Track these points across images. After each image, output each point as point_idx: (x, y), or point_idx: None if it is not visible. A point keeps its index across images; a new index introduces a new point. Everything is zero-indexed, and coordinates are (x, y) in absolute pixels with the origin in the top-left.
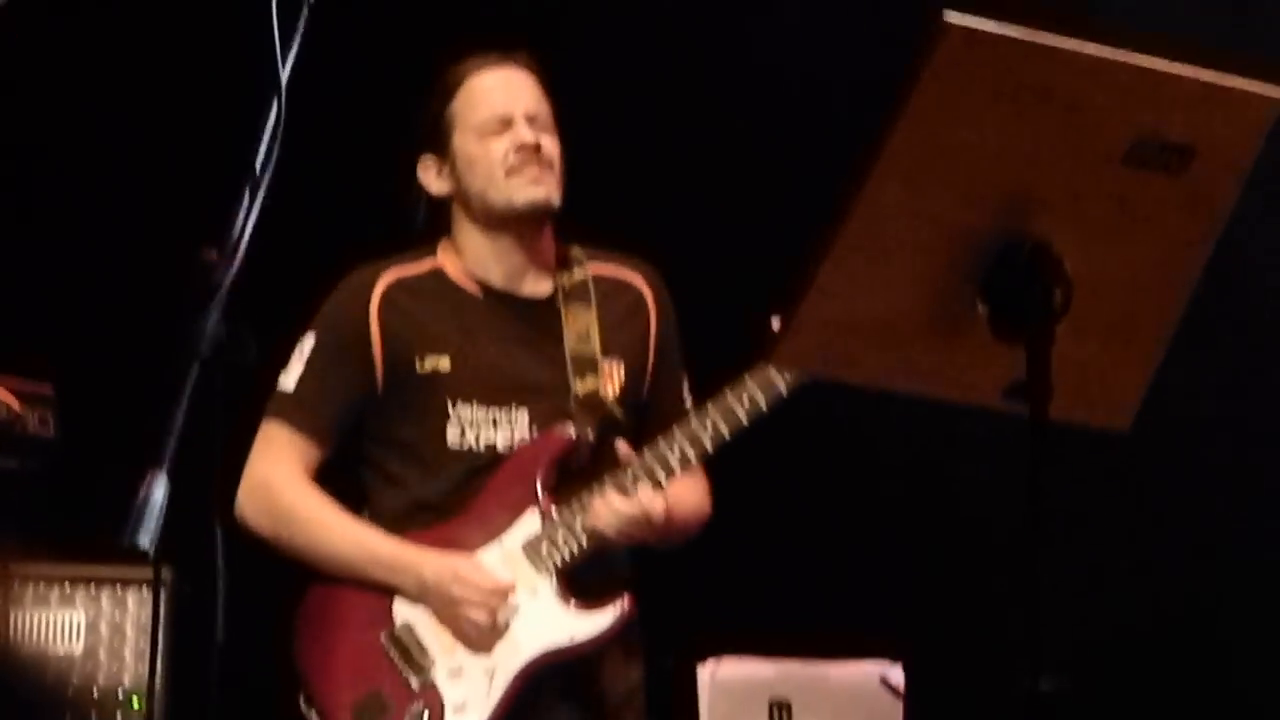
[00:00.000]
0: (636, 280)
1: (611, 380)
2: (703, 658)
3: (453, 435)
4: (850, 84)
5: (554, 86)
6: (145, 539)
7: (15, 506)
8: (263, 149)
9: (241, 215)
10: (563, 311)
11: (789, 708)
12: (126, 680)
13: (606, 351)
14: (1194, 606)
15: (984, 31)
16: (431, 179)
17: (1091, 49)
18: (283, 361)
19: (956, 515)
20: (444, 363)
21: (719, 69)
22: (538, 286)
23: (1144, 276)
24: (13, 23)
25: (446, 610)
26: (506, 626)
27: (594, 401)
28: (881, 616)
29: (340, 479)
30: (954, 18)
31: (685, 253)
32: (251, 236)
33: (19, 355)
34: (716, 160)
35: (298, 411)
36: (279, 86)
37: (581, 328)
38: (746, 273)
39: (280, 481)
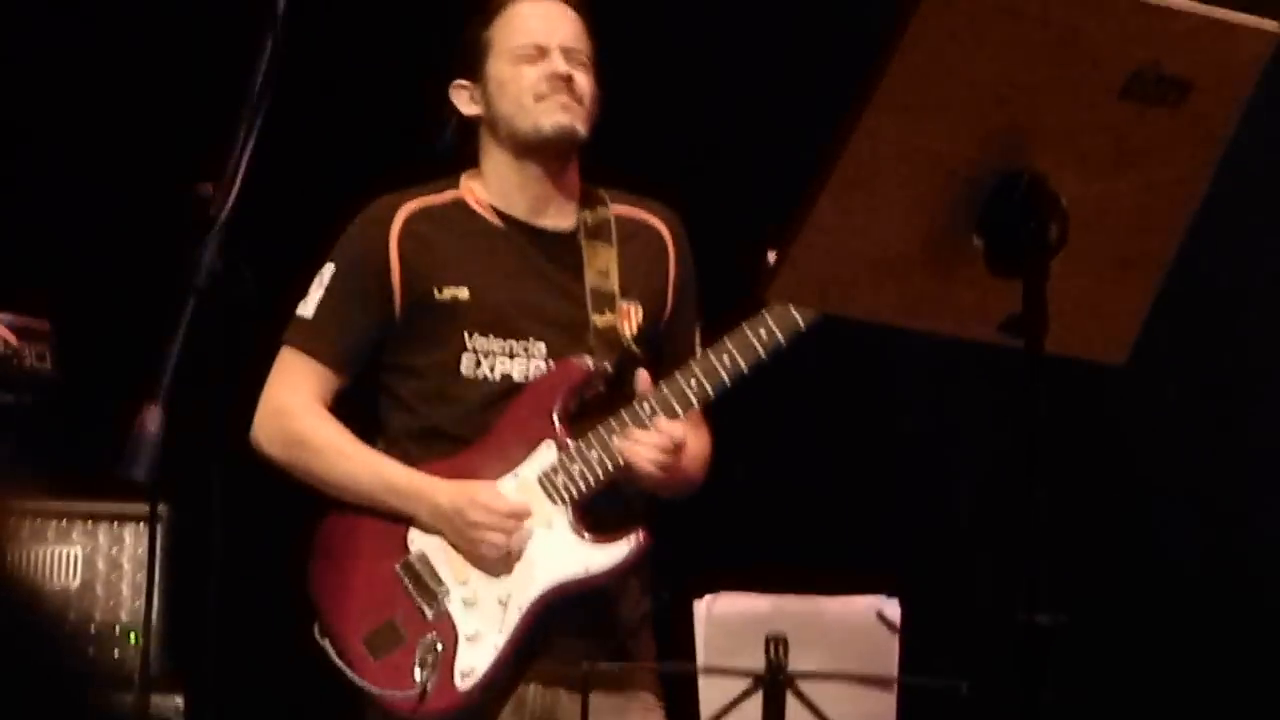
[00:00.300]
0: (658, 224)
1: (629, 319)
2: (699, 593)
3: (468, 365)
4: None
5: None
6: (142, 473)
7: (12, 441)
8: (259, 82)
9: (238, 149)
10: (584, 246)
11: (785, 642)
12: (123, 615)
13: (625, 293)
14: (1194, 540)
15: None
16: (463, 102)
17: None
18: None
19: (953, 450)
20: (463, 293)
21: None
22: (560, 220)
23: (1141, 210)
24: None
25: (462, 535)
26: (521, 555)
27: (611, 336)
28: (878, 553)
29: (357, 409)
30: None
31: (701, 191)
32: (248, 170)
33: (16, 290)
34: (732, 104)
35: (315, 339)
36: (275, 18)
37: (602, 264)
38: (757, 213)
39: (296, 408)
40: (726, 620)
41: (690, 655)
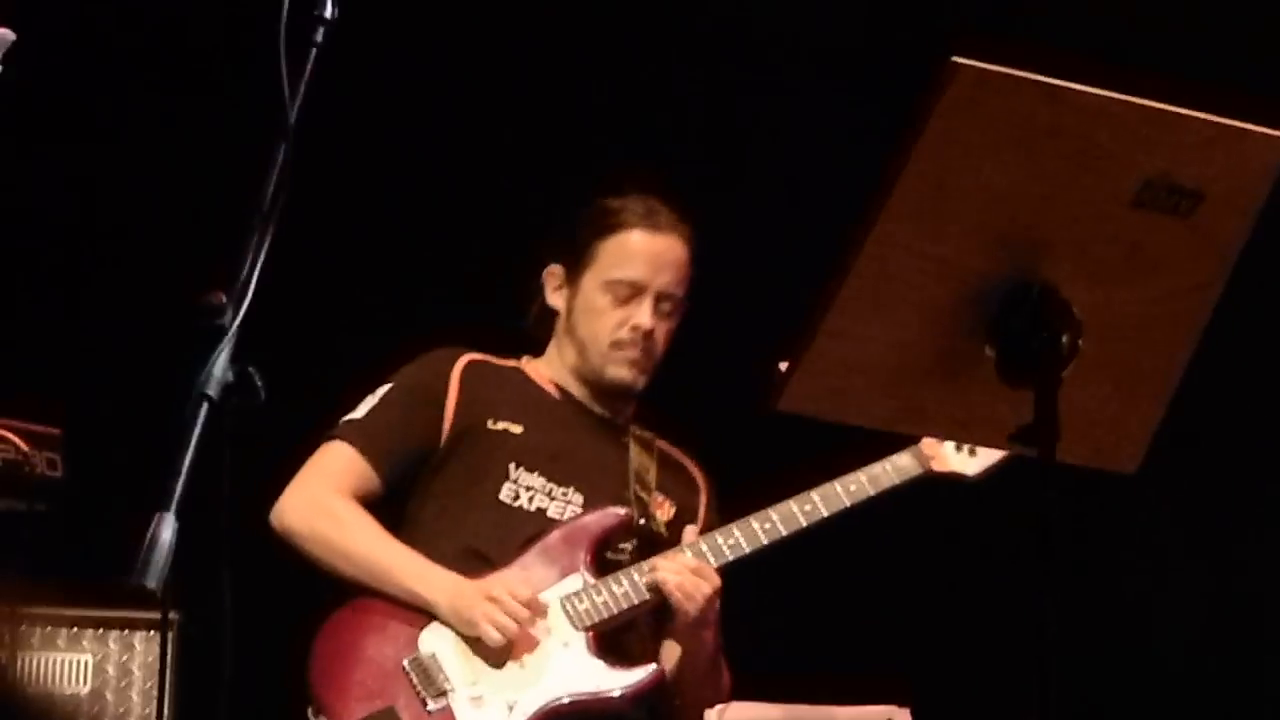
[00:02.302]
0: (694, 470)
1: (662, 509)
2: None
3: (507, 493)
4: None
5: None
6: (153, 581)
7: (23, 548)
8: (271, 190)
9: (249, 257)
10: (631, 445)
11: None
12: None
13: (662, 490)
14: (1204, 653)
15: (993, 72)
16: (551, 289)
17: (1100, 91)
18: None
19: (964, 559)
20: (515, 428)
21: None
22: (613, 418)
23: (1153, 319)
24: (23, 62)
25: (476, 611)
26: (534, 664)
27: (646, 512)
28: (889, 661)
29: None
30: (963, 59)
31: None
32: (259, 278)
33: (28, 397)
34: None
35: (363, 437)
36: (286, 128)
37: (644, 464)
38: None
39: (331, 490)
40: None
41: None
